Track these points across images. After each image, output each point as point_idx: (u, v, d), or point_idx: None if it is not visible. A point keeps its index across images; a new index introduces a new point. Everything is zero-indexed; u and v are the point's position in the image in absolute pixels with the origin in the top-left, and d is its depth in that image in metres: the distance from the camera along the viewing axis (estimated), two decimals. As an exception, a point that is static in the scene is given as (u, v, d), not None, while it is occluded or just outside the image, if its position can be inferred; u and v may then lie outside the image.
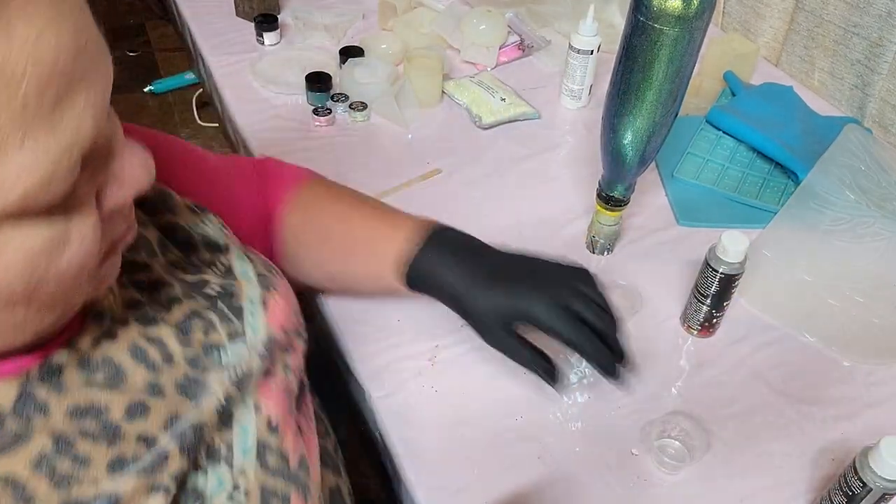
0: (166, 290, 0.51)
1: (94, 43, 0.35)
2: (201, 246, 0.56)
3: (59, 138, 0.33)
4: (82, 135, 0.34)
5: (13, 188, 0.32)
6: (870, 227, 0.88)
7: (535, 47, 1.23)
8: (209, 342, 0.50)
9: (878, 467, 0.57)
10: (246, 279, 0.56)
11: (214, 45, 1.23)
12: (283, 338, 0.56)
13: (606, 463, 0.68)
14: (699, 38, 0.66)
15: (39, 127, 0.32)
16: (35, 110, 0.31)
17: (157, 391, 0.46)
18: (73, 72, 0.33)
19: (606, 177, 0.80)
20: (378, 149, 1.03)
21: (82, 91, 0.34)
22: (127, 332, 0.47)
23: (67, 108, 0.33)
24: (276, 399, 0.53)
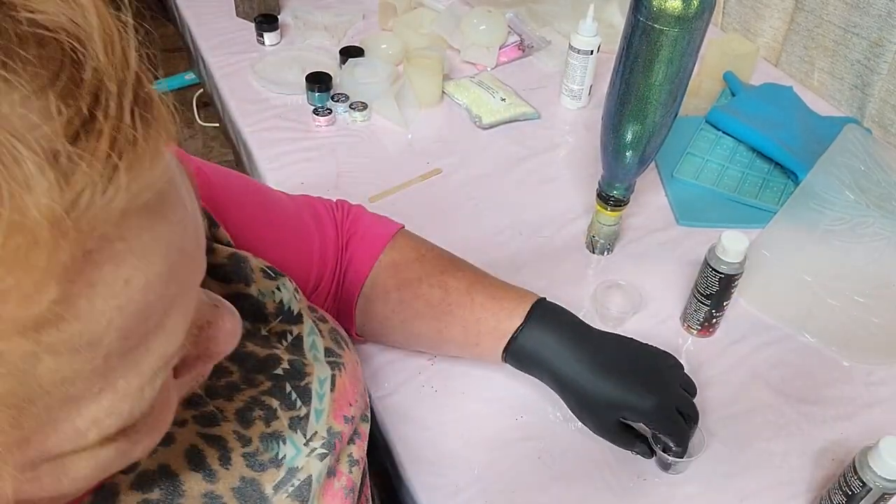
0: (226, 377, 0.47)
1: (192, 237, 0.29)
2: (274, 316, 0.52)
3: (143, 372, 0.28)
4: (170, 353, 0.29)
5: (85, 435, 0.27)
6: (869, 227, 0.88)
7: (535, 47, 1.23)
8: (269, 432, 0.46)
9: (877, 467, 0.57)
10: (314, 356, 0.52)
11: (214, 45, 1.23)
12: (347, 428, 0.51)
13: (606, 463, 0.68)
14: (699, 39, 0.66)
15: (119, 371, 0.27)
16: (117, 358, 0.26)
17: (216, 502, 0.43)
18: (164, 298, 0.27)
19: (606, 177, 0.80)
20: (378, 149, 1.03)
21: (178, 309, 0.28)
22: (184, 433, 0.43)
23: (156, 338, 0.28)
24: (340, 501, 0.49)
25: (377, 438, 0.72)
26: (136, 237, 0.25)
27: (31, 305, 0.22)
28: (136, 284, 0.25)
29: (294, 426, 0.48)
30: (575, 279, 0.85)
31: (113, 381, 0.27)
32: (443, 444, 0.69)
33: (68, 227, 0.22)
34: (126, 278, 0.25)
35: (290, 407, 0.48)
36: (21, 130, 0.21)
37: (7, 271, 0.21)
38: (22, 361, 0.23)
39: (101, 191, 0.23)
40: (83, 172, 0.22)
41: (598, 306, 0.80)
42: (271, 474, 0.45)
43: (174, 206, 0.27)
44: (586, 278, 0.85)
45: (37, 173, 0.21)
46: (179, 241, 0.28)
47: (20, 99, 0.21)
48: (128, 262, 0.25)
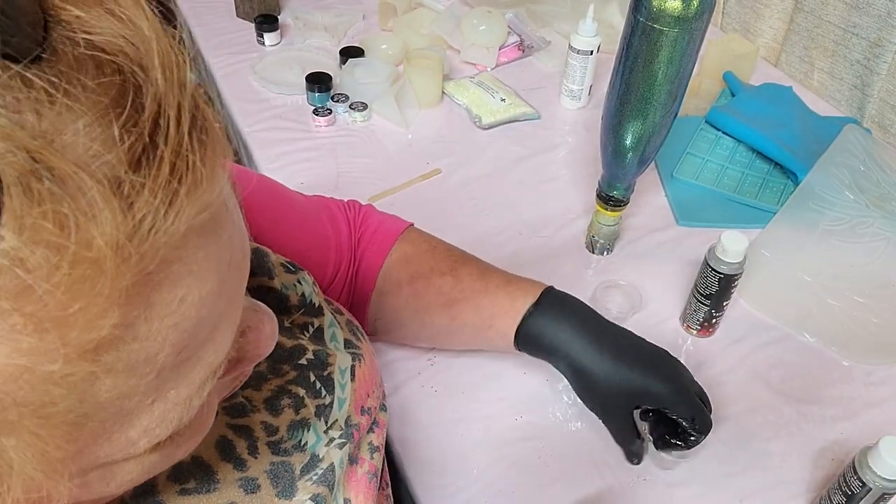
0: (255, 367, 0.47)
1: (239, 252, 0.29)
2: (296, 309, 0.53)
3: (192, 382, 0.28)
4: (217, 363, 0.29)
5: (136, 443, 0.28)
6: (869, 227, 0.88)
7: (535, 47, 1.23)
8: (298, 420, 0.48)
9: (877, 467, 0.57)
10: (335, 346, 0.53)
11: (214, 46, 1.23)
12: (365, 419, 0.52)
13: (606, 463, 0.68)
14: (699, 39, 0.66)
15: (171, 383, 0.27)
16: (169, 371, 0.27)
17: (251, 488, 0.43)
18: (214, 312, 0.28)
19: (606, 177, 0.80)
20: (378, 149, 1.03)
21: (223, 322, 0.29)
22: (214, 424, 0.43)
23: (205, 350, 0.28)
24: (365, 489, 0.50)
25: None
26: (192, 257, 0.25)
27: (94, 330, 0.22)
28: (190, 302, 0.26)
29: (319, 414, 0.49)
30: (575, 279, 0.85)
31: (164, 393, 0.27)
32: (443, 444, 0.69)
33: (131, 254, 0.22)
34: (181, 297, 0.25)
35: (315, 395, 0.49)
36: (85, 159, 0.21)
37: (72, 299, 0.21)
38: (81, 383, 0.23)
39: (163, 216, 0.23)
40: (145, 200, 0.22)
41: (598, 306, 0.80)
42: (298, 457, 0.47)
43: (225, 223, 0.28)
44: (586, 278, 0.85)
45: (101, 203, 0.21)
46: (229, 256, 0.28)
47: (83, 128, 0.21)
48: (184, 282, 0.25)
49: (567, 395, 0.73)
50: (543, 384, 0.73)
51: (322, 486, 0.47)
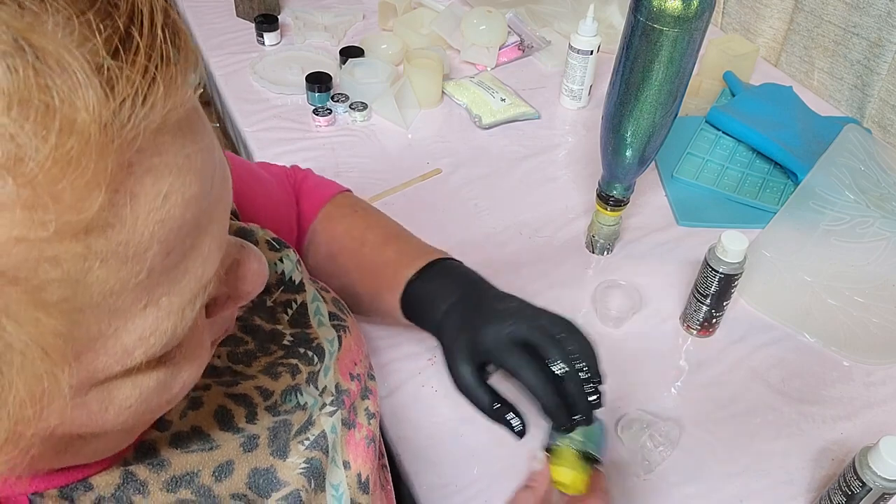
0: (244, 346, 0.50)
1: (220, 165, 0.31)
2: (276, 287, 0.54)
3: (183, 292, 0.30)
4: (206, 278, 0.31)
5: (132, 354, 0.29)
6: (869, 227, 0.88)
7: (535, 47, 1.23)
8: (293, 385, 0.49)
9: (877, 467, 0.57)
10: (319, 322, 0.54)
11: (214, 45, 1.23)
12: (355, 385, 0.53)
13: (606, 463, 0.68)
14: (699, 39, 0.66)
15: (162, 287, 0.29)
16: (159, 274, 0.28)
17: (250, 446, 0.45)
18: (200, 219, 0.29)
19: (606, 177, 0.80)
20: (378, 149, 1.03)
21: (209, 234, 0.30)
22: (210, 395, 0.46)
23: (193, 258, 0.30)
24: (364, 453, 0.52)
25: (377, 438, 0.73)
26: (171, 155, 0.27)
27: (83, 209, 0.24)
28: (174, 201, 0.27)
29: (310, 380, 0.51)
30: (575, 279, 0.85)
31: (157, 298, 0.29)
32: (443, 444, 0.69)
33: (114, 134, 0.24)
34: (165, 193, 0.27)
35: (308, 363, 0.51)
36: (67, 44, 0.23)
37: (60, 172, 0.23)
38: (74, 267, 0.25)
39: (142, 101, 0.24)
40: (125, 83, 0.24)
41: (598, 306, 0.80)
42: (298, 416, 0.48)
43: (202, 133, 0.30)
44: (586, 278, 0.85)
45: (85, 81, 0.23)
46: (210, 168, 0.30)
47: (64, 20, 0.23)
48: (165, 178, 0.27)
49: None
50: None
51: (315, 451, 0.48)
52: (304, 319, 0.54)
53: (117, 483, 0.39)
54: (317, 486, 0.47)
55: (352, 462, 0.51)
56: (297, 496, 0.45)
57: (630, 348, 0.78)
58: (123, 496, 0.39)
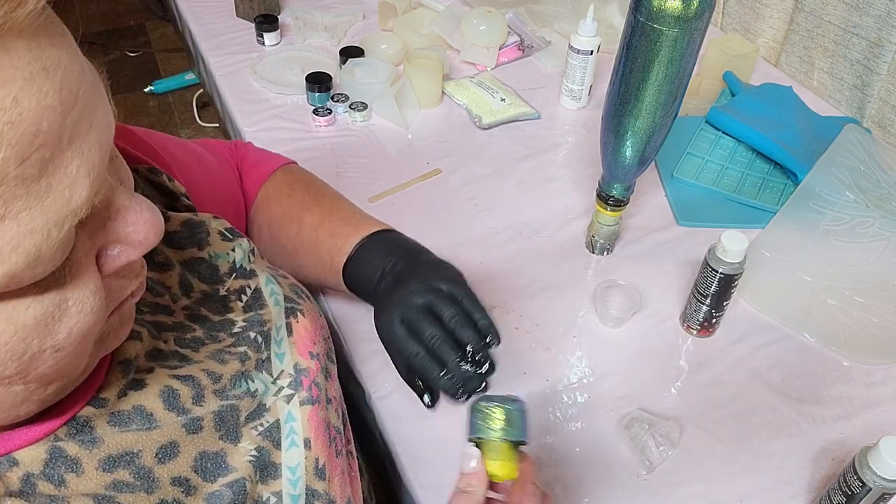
0: (191, 333, 0.50)
1: (87, 92, 0.31)
2: (227, 276, 0.55)
3: (47, 210, 0.29)
4: (76, 203, 0.30)
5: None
6: (869, 227, 0.88)
7: (535, 47, 1.23)
8: (243, 370, 0.49)
9: (877, 467, 0.57)
10: (275, 301, 0.55)
11: (214, 46, 1.23)
12: (314, 364, 0.54)
13: (606, 463, 0.68)
14: (699, 39, 0.66)
15: (21, 200, 0.28)
16: (15, 183, 0.27)
17: (194, 428, 0.45)
18: (60, 133, 0.29)
19: (606, 177, 0.80)
20: (378, 149, 1.03)
21: (75, 153, 0.30)
22: (154, 377, 0.45)
23: (56, 175, 0.29)
24: (323, 434, 0.51)
25: (377, 438, 0.72)
26: (23, 60, 0.27)
27: None
28: (25, 105, 0.27)
29: (260, 367, 0.51)
30: (575, 279, 0.85)
31: (15, 212, 0.28)
32: (443, 444, 0.69)
33: None
34: (14, 96, 0.27)
35: (257, 349, 0.51)
36: None
37: None
38: None
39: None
40: None
41: (598, 306, 0.80)
42: (246, 403, 0.48)
43: (63, 52, 0.29)
44: (586, 278, 0.85)
45: None
46: (74, 85, 0.29)
47: None
48: (15, 82, 0.27)
49: (567, 394, 0.73)
50: (543, 384, 0.74)
51: (267, 441, 0.47)
52: (259, 302, 0.54)
53: (44, 458, 0.38)
54: (261, 478, 0.47)
55: (313, 441, 0.50)
56: (242, 485, 0.45)
57: (630, 348, 0.78)
58: (54, 474, 0.38)
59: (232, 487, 0.44)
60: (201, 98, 2.29)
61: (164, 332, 0.49)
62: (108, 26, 2.87)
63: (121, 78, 2.59)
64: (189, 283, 0.53)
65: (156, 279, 0.51)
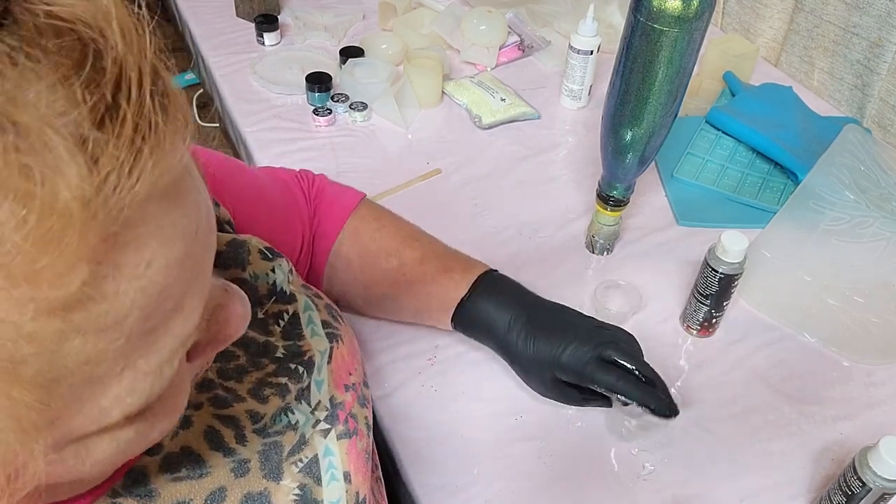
0: (235, 361, 0.49)
1: (205, 220, 0.29)
2: (266, 298, 0.54)
3: (162, 351, 0.28)
4: (186, 334, 0.29)
5: (109, 414, 0.28)
6: (869, 227, 0.88)
7: (535, 47, 1.23)
8: (283, 406, 0.49)
9: (877, 467, 0.57)
10: (312, 331, 0.54)
11: (214, 45, 1.23)
12: (350, 396, 0.53)
13: (606, 463, 0.68)
14: (699, 39, 0.66)
15: (140, 350, 0.27)
16: (138, 339, 0.27)
17: (241, 471, 0.44)
18: (181, 280, 0.28)
19: (606, 177, 0.80)
20: (378, 149, 1.03)
21: (192, 292, 0.29)
22: (201, 415, 0.45)
23: (173, 319, 0.28)
24: (363, 467, 0.51)
25: (377, 438, 0.72)
26: (156, 221, 0.26)
27: (63, 286, 0.23)
28: (157, 267, 0.26)
29: (300, 398, 0.50)
30: (575, 279, 0.85)
31: (134, 361, 0.27)
32: (443, 444, 0.69)
33: (97, 209, 0.23)
34: (148, 261, 0.26)
35: (298, 380, 0.50)
36: (49, 116, 0.22)
37: (41, 252, 0.22)
38: (51, 341, 0.24)
39: (127, 174, 0.23)
40: (110, 156, 0.23)
41: (598, 306, 0.80)
42: (289, 437, 0.47)
43: (189, 191, 0.28)
44: (586, 278, 0.85)
45: (67, 157, 0.22)
46: (195, 225, 0.28)
47: (46, 88, 0.22)
48: (150, 246, 0.26)
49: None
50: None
51: (308, 478, 0.47)
52: (296, 330, 0.53)
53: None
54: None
55: (352, 474, 0.50)
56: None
57: (630, 348, 0.78)
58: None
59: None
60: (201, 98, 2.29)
61: (212, 364, 0.48)
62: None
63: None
64: None
65: None
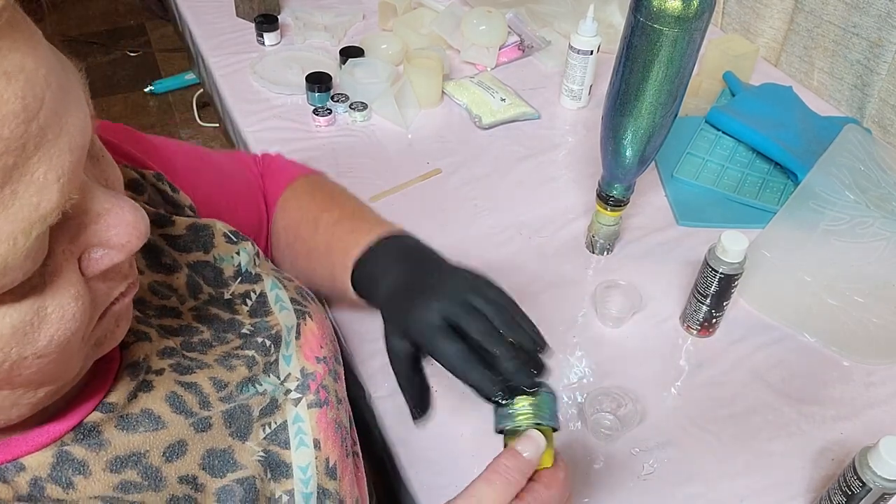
0: (198, 336, 0.50)
1: (55, 95, 0.29)
2: (232, 279, 0.54)
3: (13, 218, 0.28)
4: (44, 209, 0.29)
5: None
6: (869, 227, 0.88)
7: (535, 47, 1.23)
8: (249, 377, 0.49)
9: (877, 467, 0.57)
10: (280, 307, 0.54)
11: (214, 46, 1.23)
12: (321, 367, 0.54)
13: (606, 463, 0.68)
14: (699, 39, 0.66)
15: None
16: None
17: (202, 427, 0.45)
18: (25, 140, 0.28)
19: (606, 177, 0.80)
20: (378, 149, 1.03)
21: (42, 159, 0.29)
22: (163, 380, 0.45)
23: (21, 182, 0.28)
24: (332, 435, 0.51)
25: (377, 438, 0.72)
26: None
27: None
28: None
29: (268, 370, 0.50)
30: (575, 279, 0.85)
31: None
32: (443, 444, 0.69)
33: None
34: None
35: (265, 353, 0.51)
36: None
37: None
38: None
39: None
40: None
41: (598, 306, 0.80)
42: (257, 399, 0.48)
43: (27, 56, 0.28)
44: (586, 278, 0.85)
45: None
46: (39, 90, 0.28)
47: None
48: None
49: (566, 394, 0.73)
50: (543, 384, 0.73)
51: (274, 445, 0.47)
52: (264, 308, 0.54)
53: (51, 462, 0.39)
54: (273, 476, 0.47)
55: (322, 442, 0.50)
56: (252, 482, 0.45)
57: (630, 348, 0.78)
58: (62, 476, 0.39)
59: (242, 484, 0.44)
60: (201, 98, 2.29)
61: (172, 337, 0.49)
62: (108, 26, 2.87)
63: (121, 78, 2.59)
64: (197, 285, 0.53)
65: (162, 281, 0.51)
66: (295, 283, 0.59)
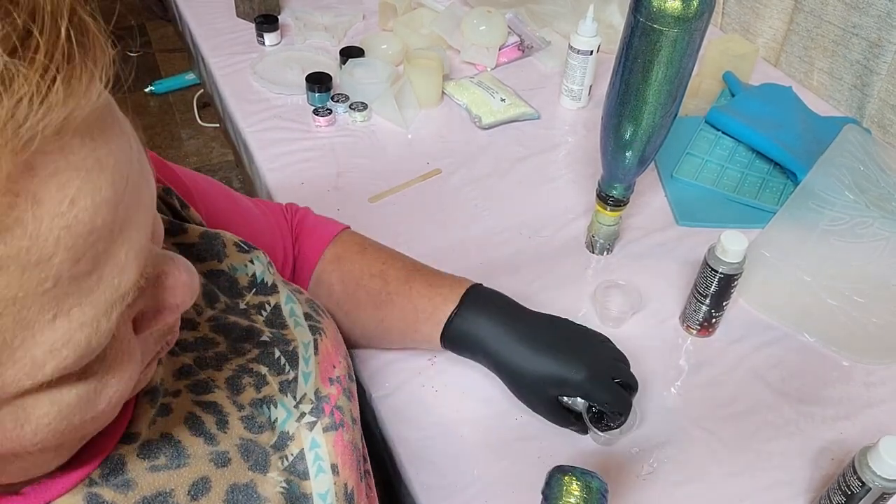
0: (213, 348, 0.49)
1: (136, 169, 0.29)
2: (247, 290, 0.54)
3: (97, 302, 0.28)
4: (123, 289, 0.29)
5: (43, 367, 0.28)
6: (869, 227, 0.89)
7: (535, 48, 1.23)
8: (260, 398, 0.48)
9: (876, 467, 0.57)
10: (295, 322, 0.54)
11: (215, 46, 1.23)
12: (334, 389, 0.53)
13: (606, 463, 0.68)
14: (698, 39, 0.66)
15: (72, 298, 0.27)
16: (67, 284, 0.26)
17: (222, 462, 0.44)
18: (113, 225, 0.28)
19: (606, 177, 0.80)
20: (378, 149, 1.03)
21: (125, 240, 0.29)
22: (180, 402, 0.45)
23: (107, 265, 0.28)
24: (349, 459, 0.51)
25: (377, 438, 0.73)
26: (79, 157, 0.26)
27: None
28: (82, 205, 0.26)
29: (284, 390, 0.50)
30: (575, 279, 0.85)
31: (66, 309, 0.27)
32: (443, 444, 0.69)
33: (8, 137, 0.23)
34: (72, 198, 0.26)
35: (279, 372, 0.50)
36: None
37: None
38: None
39: (39, 101, 0.23)
40: (21, 83, 0.23)
41: (598, 306, 0.80)
42: (266, 436, 0.47)
43: (116, 136, 0.28)
44: (586, 278, 0.85)
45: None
46: (125, 171, 0.28)
47: None
48: (73, 182, 0.26)
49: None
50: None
51: (294, 476, 0.47)
52: (279, 321, 0.53)
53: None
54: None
55: (340, 467, 0.50)
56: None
57: (630, 348, 0.77)
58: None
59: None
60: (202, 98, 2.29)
61: (185, 353, 0.48)
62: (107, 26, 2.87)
63: (121, 78, 2.59)
64: (214, 294, 0.52)
65: None
66: (305, 296, 0.58)
